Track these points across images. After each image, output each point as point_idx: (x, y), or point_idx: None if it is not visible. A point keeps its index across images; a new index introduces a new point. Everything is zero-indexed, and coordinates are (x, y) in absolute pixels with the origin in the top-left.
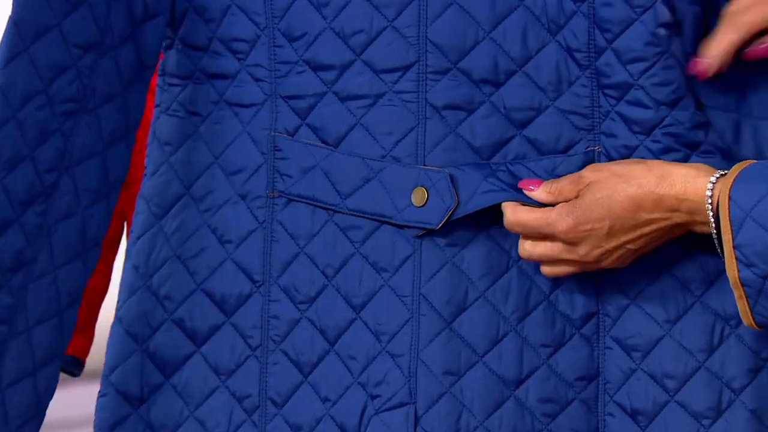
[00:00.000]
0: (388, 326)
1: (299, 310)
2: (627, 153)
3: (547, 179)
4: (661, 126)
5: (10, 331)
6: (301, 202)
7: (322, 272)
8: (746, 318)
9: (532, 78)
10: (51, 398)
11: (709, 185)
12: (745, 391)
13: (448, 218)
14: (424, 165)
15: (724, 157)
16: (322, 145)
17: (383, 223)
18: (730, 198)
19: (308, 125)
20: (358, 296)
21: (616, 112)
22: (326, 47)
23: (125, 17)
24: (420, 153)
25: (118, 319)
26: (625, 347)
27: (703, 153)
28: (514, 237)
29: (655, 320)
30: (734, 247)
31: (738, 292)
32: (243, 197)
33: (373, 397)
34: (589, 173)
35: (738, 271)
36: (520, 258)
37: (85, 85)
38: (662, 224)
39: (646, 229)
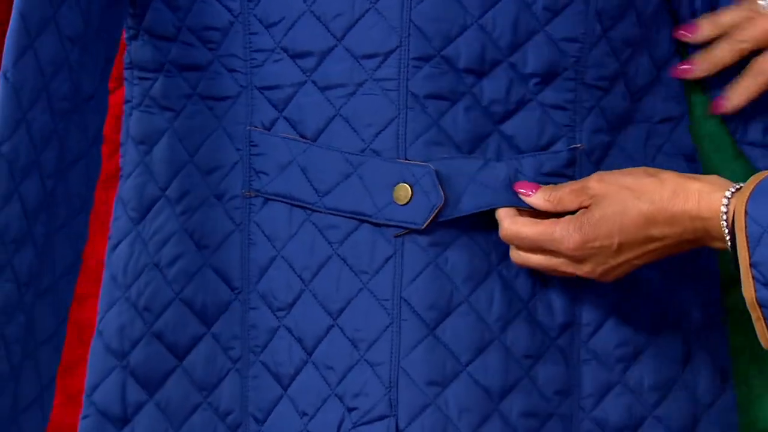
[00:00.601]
0: (367, 333)
1: (277, 317)
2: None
3: (535, 177)
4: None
5: (24, 352)
6: (278, 201)
7: (299, 276)
8: (765, 341)
9: (518, 69)
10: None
11: (724, 200)
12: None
13: (434, 218)
14: (406, 159)
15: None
16: (300, 138)
17: (363, 222)
18: (746, 213)
19: (286, 118)
20: (336, 301)
21: (600, 108)
22: (306, 32)
23: (100, 4)
24: (401, 146)
25: (98, 333)
26: (602, 360)
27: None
28: (495, 240)
29: (633, 331)
30: (751, 266)
31: (755, 314)
32: (219, 198)
33: (351, 410)
34: (595, 184)
35: (755, 291)
36: (500, 262)
37: (74, 81)
38: (672, 240)
39: (656, 245)
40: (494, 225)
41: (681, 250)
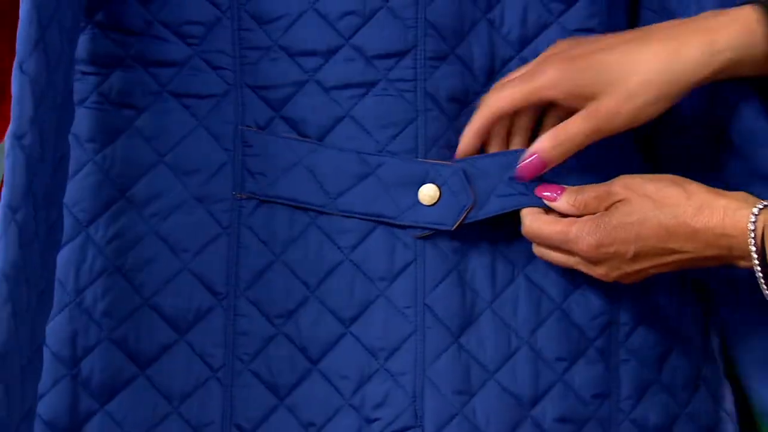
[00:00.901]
0: (387, 341)
1: (274, 325)
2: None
3: (554, 179)
4: None
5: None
6: (278, 203)
7: (304, 282)
8: None
9: None
10: None
11: (752, 217)
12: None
13: (464, 218)
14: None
15: None
16: (305, 139)
17: (381, 224)
18: None
19: (283, 118)
20: (349, 308)
21: None
22: (308, 30)
23: None
24: (420, 149)
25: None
26: (640, 359)
27: None
28: (518, 245)
29: (666, 329)
30: None
31: None
32: (201, 200)
33: (371, 421)
34: (620, 189)
35: None
36: (525, 265)
37: (67, 77)
38: (692, 255)
39: (674, 258)
40: (517, 227)
41: (702, 266)
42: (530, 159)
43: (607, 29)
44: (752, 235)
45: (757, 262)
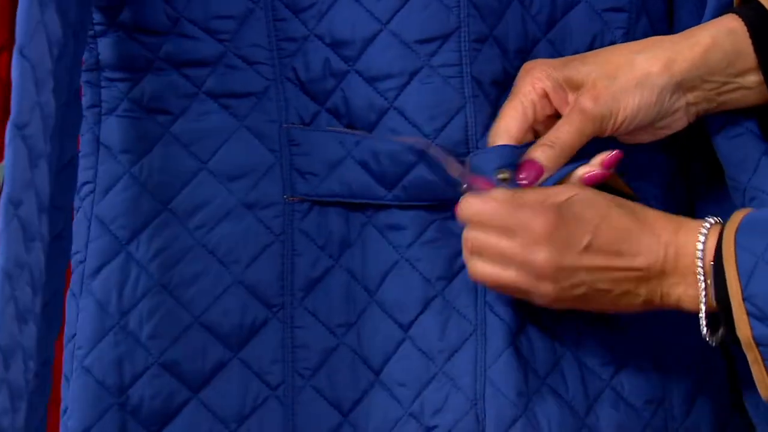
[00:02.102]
0: (446, 343)
1: (335, 335)
2: None
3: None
4: None
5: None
6: (333, 204)
7: (364, 287)
8: (763, 388)
9: (556, 47)
10: None
11: (701, 237)
12: None
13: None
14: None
15: None
16: (351, 131)
17: (443, 210)
18: (735, 242)
19: (329, 110)
20: (406, 312)
21: None
22: (343, 17)
23: None
24: (472, 139)
25: (85, 369)
26: (688, 364)
27: None
28: None
29: None
30: (744, 300)
31: (752, 355)
32: (249, 207)
33: (430, 429)
34: (579, 189)
35: (751, 328)
36: None
37: (69, 72)
38: (635, 274)
39: (618, 269)
40: None
41: (632, 304)
42: (533, 171)
43: (639, 11)
44: (700, 255)
45: (703, 285)
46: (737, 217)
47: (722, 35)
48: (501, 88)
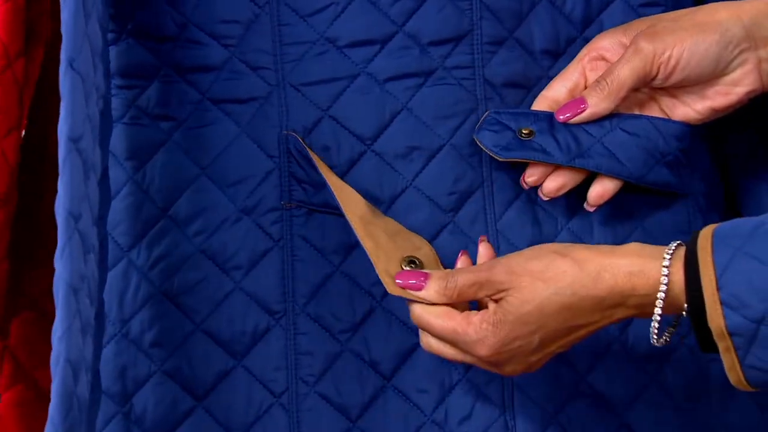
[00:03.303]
0: None
1: (339, 341)
2: None
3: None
4: None
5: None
6: (329, 213)
7: (368, 292)
8: (734, 375)
9: None
10: None
11: (664, 270)
12: None
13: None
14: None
15: None
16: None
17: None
18: (713, 236)
19: (332, 117)
20: None
21: None
22: (358, 19)
23: None
24: None
25: None
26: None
27: None
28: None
29: None
30: (718, 289)
31: (724, 344)
32: (248, 212)
33: None
34: (502, 276)
35: (724, 318)
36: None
37: (104, 78)
38: (601, 324)
39: (582, 332)
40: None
41: (603, 328)
42: (579, 107)
43: (675, 5)
44: (665, 282)
45: (659, 309)
46: (711, 227)
47: None
48: (521, 90)
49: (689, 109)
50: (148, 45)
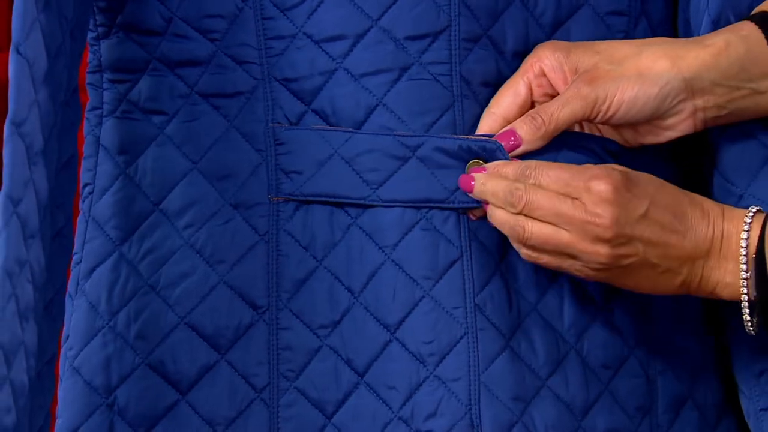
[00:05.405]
0: (436, 346)
1: (318, 337)
2: None
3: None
4: None
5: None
6: (317, 202)
7: (347, 288)
8: None
9: None
10: None
11: (747, 218)
12: None
13: None
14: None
15: None
16: (339, 128)
17: (432, 209)
18: None
19: (315, 111)
20: (393, 313)
21: None
22: (334, 13)
23: None
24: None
25: (74, 369)
26: (676, 372)
27: None
28: None
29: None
30: None
31: None
32: (236, 206)
33: None
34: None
35: None
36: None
37: (69, 70)
38: (685, 252)
39: (675, 232)
40: None
41: (670, 285)
42: (510, 141)
43: (640, 13)
44: (745, 236)
45: (745, 267)
46: None
47: (736, 39)
48: (493, 89)
49: (617, 135)
50: (138, 38)
